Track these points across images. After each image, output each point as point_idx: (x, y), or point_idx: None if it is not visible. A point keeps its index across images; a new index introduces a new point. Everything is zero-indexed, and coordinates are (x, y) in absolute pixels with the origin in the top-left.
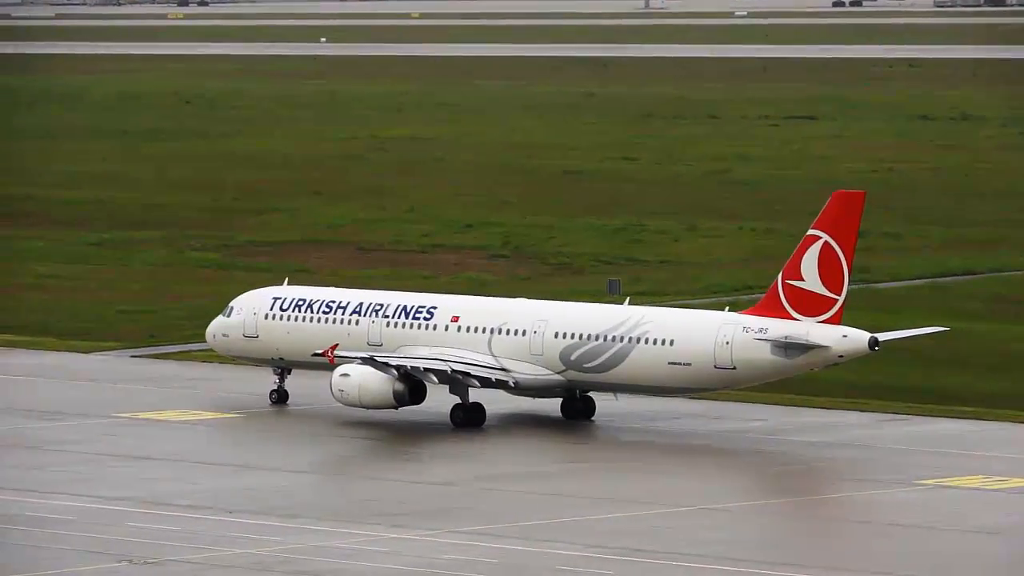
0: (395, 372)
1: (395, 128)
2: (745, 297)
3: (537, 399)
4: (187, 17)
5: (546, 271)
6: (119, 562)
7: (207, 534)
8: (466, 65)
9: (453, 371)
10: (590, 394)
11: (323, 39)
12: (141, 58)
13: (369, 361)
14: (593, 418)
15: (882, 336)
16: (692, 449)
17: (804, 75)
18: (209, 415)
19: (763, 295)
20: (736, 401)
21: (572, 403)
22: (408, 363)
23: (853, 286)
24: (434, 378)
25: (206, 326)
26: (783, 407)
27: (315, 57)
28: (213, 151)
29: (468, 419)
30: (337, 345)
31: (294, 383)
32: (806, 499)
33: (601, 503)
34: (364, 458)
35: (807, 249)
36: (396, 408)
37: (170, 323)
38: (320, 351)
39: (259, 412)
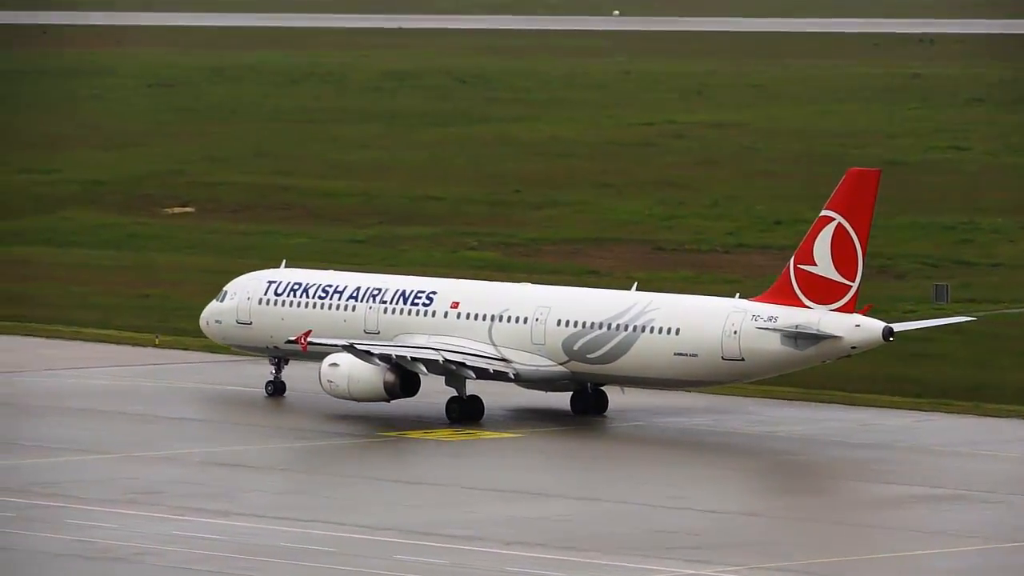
0: (378, 361)
1: (696, 113)
2: None
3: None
4: None
5: (864, 274)
6: None
7: (481, 568)
8: (775, 42)
9: (446, 361)
10: (604, 388)
11: (616, 12)
12: (410, 33)
13: (349, 349)
14: (605, 414)
15: (898, 326)
16: None
17: None
18: (486, 434)
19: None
20: None
21: (582, 397)
22: (394, 351)
23: None
24: (423, 368)
25: None
26: None
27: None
28: (491, 137)
29: (464, 413)
30: (311, 331)
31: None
32: None
33: (923, 537)
34: (658, 483)
35: (820, 231)
36: (388, 401)
37: None
38: (293, 338)
39: (540, 431)
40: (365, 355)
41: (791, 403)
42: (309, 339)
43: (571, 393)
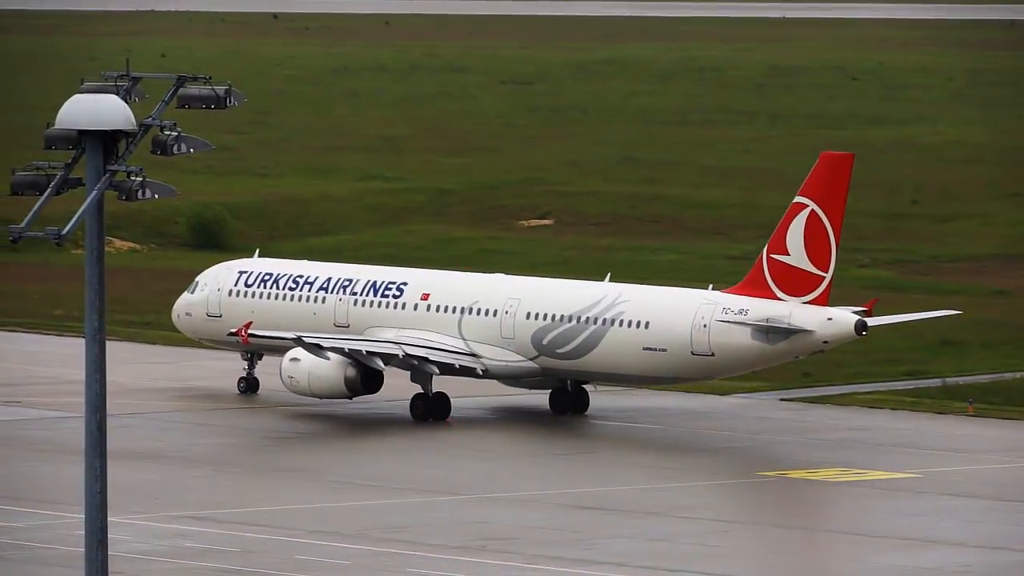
0: (330, 355)
1: None
2: None
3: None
4: None
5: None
6: None
7: None
8: None
9: (407, 355)
10: (586, 385)
11: None
12: (797, 23)
13: (298, 342)
14: (587, 413)
15: (872, 321)
16: None
17: None
18: (876, 475)
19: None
20: None
21: (562, 395)
22: (346, 345)
23: None
24: (380, 362)
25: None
26: None
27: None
28: (886, 141)
29: (429, 411)
30: (251, 323)
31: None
32: None
33: None
34: None
35: (792, 219)
36: (350, 398)
37: (831, 357)
38: (234, 330)
39: (941, 470)
40: (315, 348)
41: None
42: (251, 331)
43: (549, 392)
